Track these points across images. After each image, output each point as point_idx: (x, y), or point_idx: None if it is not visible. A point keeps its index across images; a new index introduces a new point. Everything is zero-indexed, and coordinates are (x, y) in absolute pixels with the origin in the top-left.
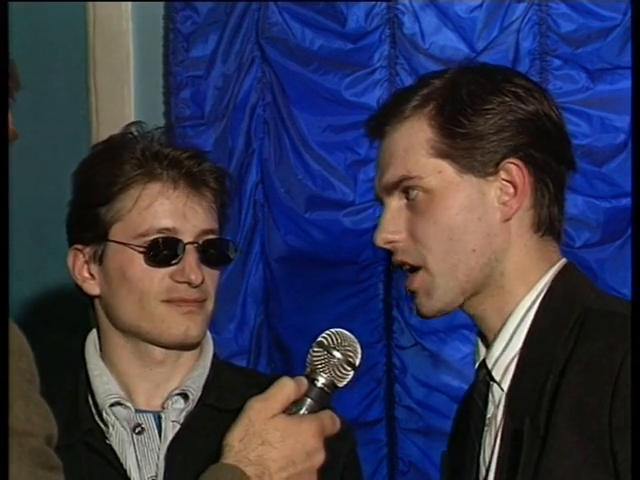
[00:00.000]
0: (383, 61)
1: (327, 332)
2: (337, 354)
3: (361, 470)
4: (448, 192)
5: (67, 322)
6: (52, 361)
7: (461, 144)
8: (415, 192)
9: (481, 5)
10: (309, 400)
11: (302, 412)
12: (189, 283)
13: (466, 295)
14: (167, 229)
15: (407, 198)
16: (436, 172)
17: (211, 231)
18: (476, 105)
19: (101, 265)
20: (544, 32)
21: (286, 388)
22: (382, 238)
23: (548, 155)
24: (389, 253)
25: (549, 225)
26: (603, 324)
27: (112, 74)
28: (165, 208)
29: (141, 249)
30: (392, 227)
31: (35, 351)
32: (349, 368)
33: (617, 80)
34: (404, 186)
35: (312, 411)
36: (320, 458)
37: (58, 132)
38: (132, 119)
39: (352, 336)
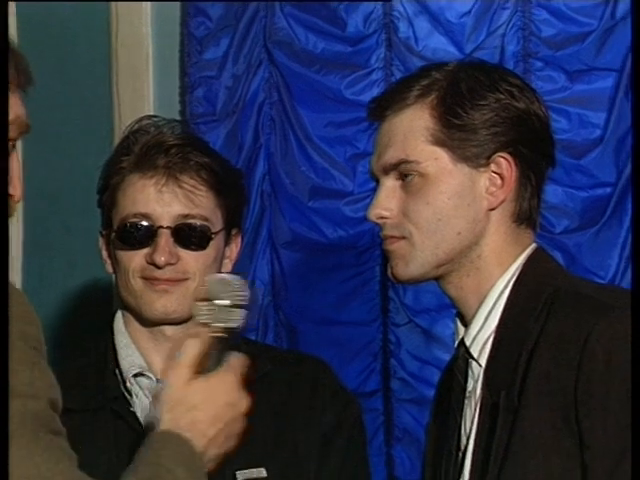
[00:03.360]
0: (380, 63)
1: (206, 281)
2: (220, 302)
3: (366, 439)
4: (442, 178)
5: (94, 305)
6: (77, 338)
7: (457, 135)
8: (411, 175)
9: (470, 11)
10: (214, 352)
11: (210, 367)
12: (155, 265)
13: (440, 270)
14: (141, 214)
15: (402, 179)
16: (433, 158)
17: (189, 215)
18: (474, 100)
19: (111, 247)
20: (527, 36)
21: (189, 351)
22: (375, 213)
23: (534, 152)
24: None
25: (528, 216)
26: (570, 303)
27: (133, 74)
28: (142, 195)
29: (120, 233)
30: (385, 204)
31: (66, 329)
32: (236, 309)
33: (594, 80)
34: (401, 169)
35: (218, 360)
36: (244, 404)
37: (84, 127)
38: None
39: (233, 277)
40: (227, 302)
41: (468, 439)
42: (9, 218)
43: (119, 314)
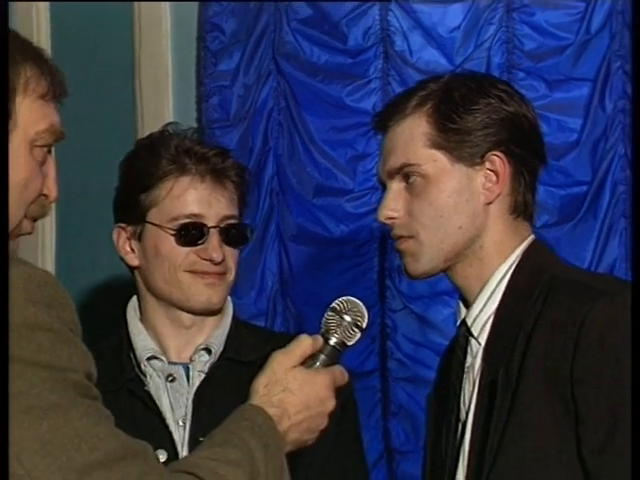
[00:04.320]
0: (377, 73)
1: (340, 299)
2: (347, 318)
3: (357, 409)
4: (441, 178)
5: (117, 292)
6: (101, 321)
7: (453, 137)
8: (414, 177)
9: (459, 27)
10: (323, 356)
11: (317, 365)
12: (211, 260)
13: (448, 263)
14: (194, 215)
15: (406, 182)
16: (432, 160)
17: (232, 216)
18: (466, 105)
19: (140, 242)
20: (511, 49)
21: (304, 344)
22: (384, 214)
23: (525, 150)
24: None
25: (523, 209)
26: (567, 289)
27: (154, 85)
28: (193, 197)
29: (172, 231)
30: (392, 206)
31: (91, 313)
32: (357, 330)
33: (571, 89)
34: (404, 172)
35: (325, 365)
36: (331, 404)
37: (111, 130)
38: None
39: (360, 303)
40: (350, 320)
41: (467, 412)
42: (44, 217)
43: (134, 301)
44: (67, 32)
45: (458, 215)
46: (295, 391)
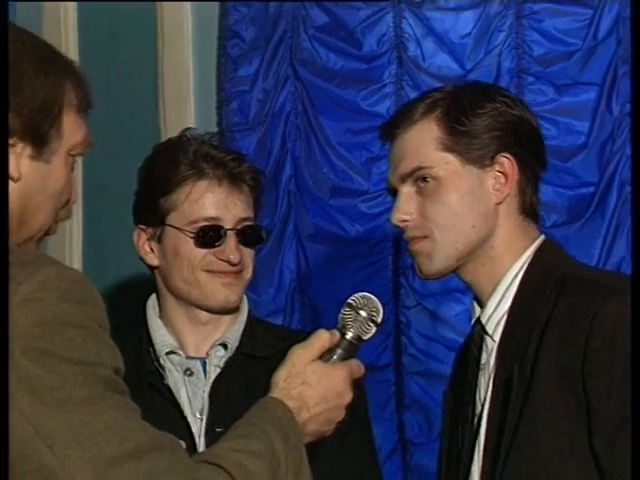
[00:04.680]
0: (391, 78)
1: (355, 295)
2: (363, 313)
3: (367, 399)
4: (454, 179)
5: (140, 290)
6: (124, 318)
7: (463, 140)
8: (426, 179)
9: (470, 33)
10: (340, 350)
11: (334, 359)
12: (229, 262)
13: (460, 262)
14: (212, 218)
15: (417, 186)
16: (443, 163)
17: (248, 218)
18: (474, 109)
19: (159, 243)
20: (520, 55)
21: (322, 338)
22: (397, 218)
23: (530, 153)
24: (401, 231)
25: (530, 209)
26: (578, 287)
27: (177, 90)
28: (211, 201)
29: (191, 234)
30: (405, 209)
31: (112, 310)
32: (372, 324)
33: (579, 93)
34: (417, 175)
35: (342, 359)
36: (348, 397)
37: (134, 137)
38: (192, 126)
39: (375, 298)
40: (366, 315)
41: (483, 406)
42: (69, 218)
43: (153, 299)
44: (94, 40)
45: (471, 214)
46: (314, 384)
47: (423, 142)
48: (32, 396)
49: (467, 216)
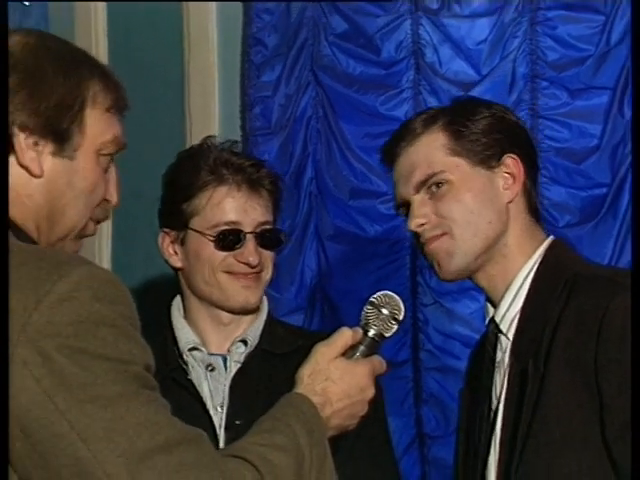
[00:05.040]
0: (409, 83)
1: (378, 293)
2: (385, 311)
3: (382, 393)
4: (465, 181)
5: (167, 290)
6: (150, 317)
7: (468, 143)
8: (439, 184)
9: (486, 40)
10: (362, 347)
11: (357, 356)
12: (248, 264)
13: (478, 261)
14: (232, 222)
15: (430, 192)
16: (454, 167)
17: (267, 222)
18: (475, 114)
19: (182, 246)
20: (535, 60)
21: (345, 336)
22: (415, 223)
23: (529, 156)
24: (417, 236)
25: (535, 210)
26: (589, 284)
27: (202, 96)
28: (231, 205)
29: (212, 237)
30: (421, 213)
31: (144, 310)
32: (394, 322)
33: (591, 97)
34: (431, 182)
35: (365, 356)
36: (370, 393)
37: (162, 141)
38: (217, 130)
39: (397, 297)
40: (388, 313)
41: (498, 401)
42: (106, 220)
43: (177, 300)
44: (123, 50)
45: (486, 211)
46: (337, 380)
47: (432, 150)
48: (67, 392)
49: (482, 212)
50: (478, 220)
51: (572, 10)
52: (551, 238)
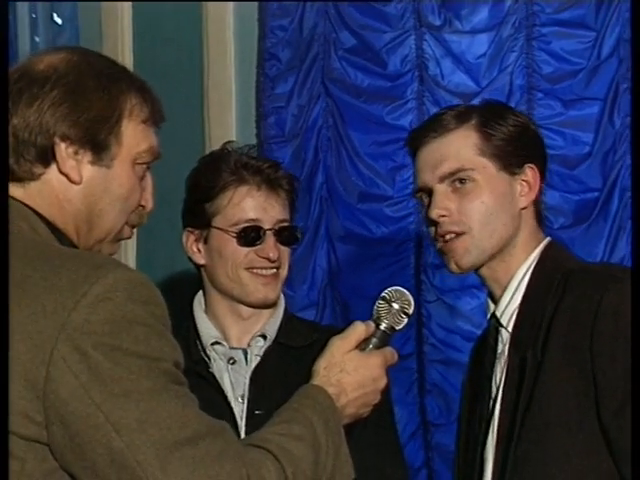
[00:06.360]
0: (413, 94)
1: (389, 289)
2: (396, 305)
3: (389, 383)
4: (489, 182)
5: (190, 288)
6: (174, 313)
7: (498, 147)
8: (464, 181)
9: (485, 54)
10: (375, 339)
11: (369, 348)
12: (268, 259)
13: (490, 258)
14: (252, 219)
15: (454, 186)
16: (482, 167)
17: (285, 220)
18: (505, 120)
19: (206, 244)
20: (530, 73)
21: (358, 330)
22: (436, 213)
23: (543, 166)
24: (435, 226)
25: (541, 216)
26: (583, 278)
27: (220, 107)
28: (251, 204)
29: (234, 234)
30: (444, 204)
31: (168, 308)
32: (404, 316)
33: (583, 107)
34: (457, 176)
35: (377, 348)
36: (383, 382)
37: (183, 148)
38: (234, 138)
39: (407, 292)
40: (398, 307)
41: (498, 389)
42: (142, 225)
43: (199, 295)
44: (148, 65)
45: (503, 214)
46: (351, 372)
47: (463, 147)
48: (102, 386)
49: (500, 215)
50: (496, 222)
51: (565, 26)
52: (547, 239)
